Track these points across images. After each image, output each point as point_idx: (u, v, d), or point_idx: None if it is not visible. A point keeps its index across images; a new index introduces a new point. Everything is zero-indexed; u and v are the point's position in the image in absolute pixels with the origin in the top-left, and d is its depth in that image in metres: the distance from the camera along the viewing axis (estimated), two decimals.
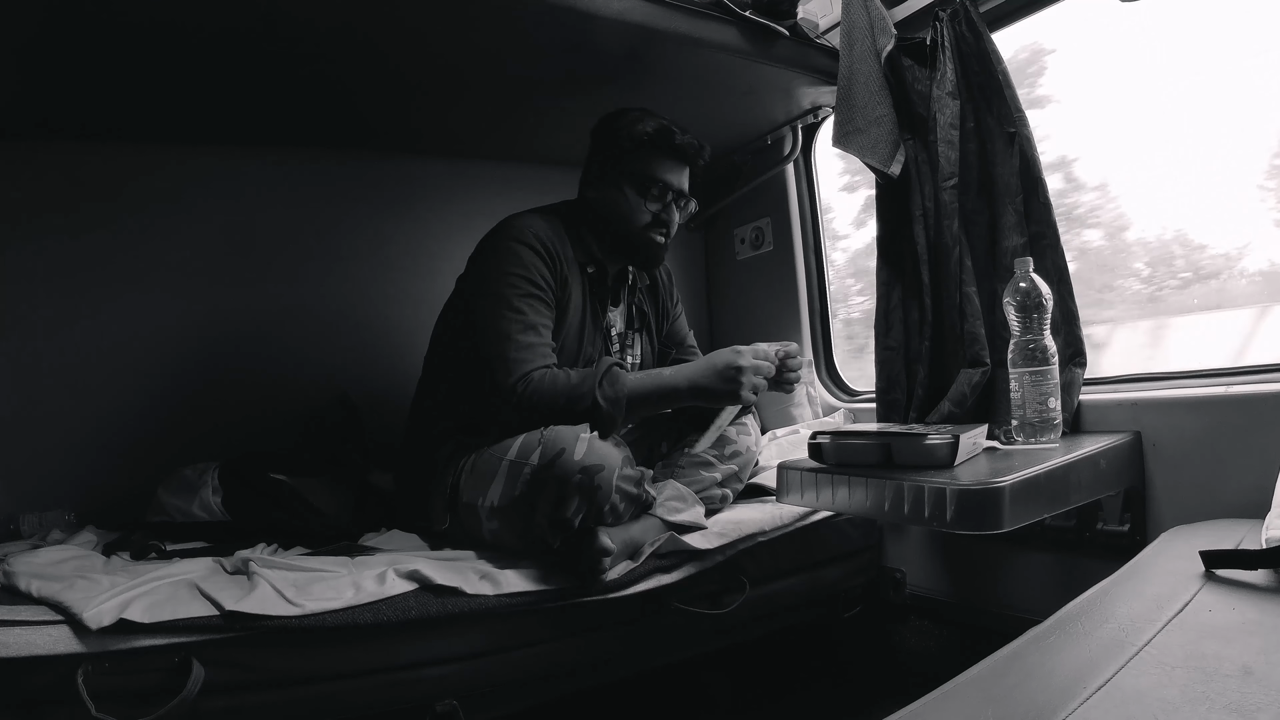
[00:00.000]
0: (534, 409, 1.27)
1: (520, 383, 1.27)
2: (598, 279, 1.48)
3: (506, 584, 1.17)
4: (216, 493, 1.51)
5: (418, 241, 2.07)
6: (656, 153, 1.42)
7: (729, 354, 1.32)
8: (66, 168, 1.69)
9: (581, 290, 1.44)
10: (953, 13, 1.48)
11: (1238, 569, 0.83)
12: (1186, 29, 1.47)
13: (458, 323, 1.45)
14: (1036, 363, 1.25)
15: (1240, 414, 1.17)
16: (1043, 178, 1.39)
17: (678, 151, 1.43)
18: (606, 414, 1.27)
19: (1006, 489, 1.01)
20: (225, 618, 0.99)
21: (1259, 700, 0.54)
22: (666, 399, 1.35)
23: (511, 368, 1.28)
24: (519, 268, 1.34)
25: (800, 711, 1.56)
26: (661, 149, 1.42)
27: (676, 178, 1.45)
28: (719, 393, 1.33)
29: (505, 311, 1.32)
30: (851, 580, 1.62)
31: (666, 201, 1.44)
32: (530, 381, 1.28)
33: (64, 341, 1.68)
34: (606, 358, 1.37)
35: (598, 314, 1.48)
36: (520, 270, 1.34)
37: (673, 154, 1.43)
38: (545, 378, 1.29)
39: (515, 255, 1.35)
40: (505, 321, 1.31)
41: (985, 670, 0.67)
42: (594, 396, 1.27)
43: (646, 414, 1.43)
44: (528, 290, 1.34)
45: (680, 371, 1.35)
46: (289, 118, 1.77)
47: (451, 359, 1.46)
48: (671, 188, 1.44)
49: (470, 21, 1.38)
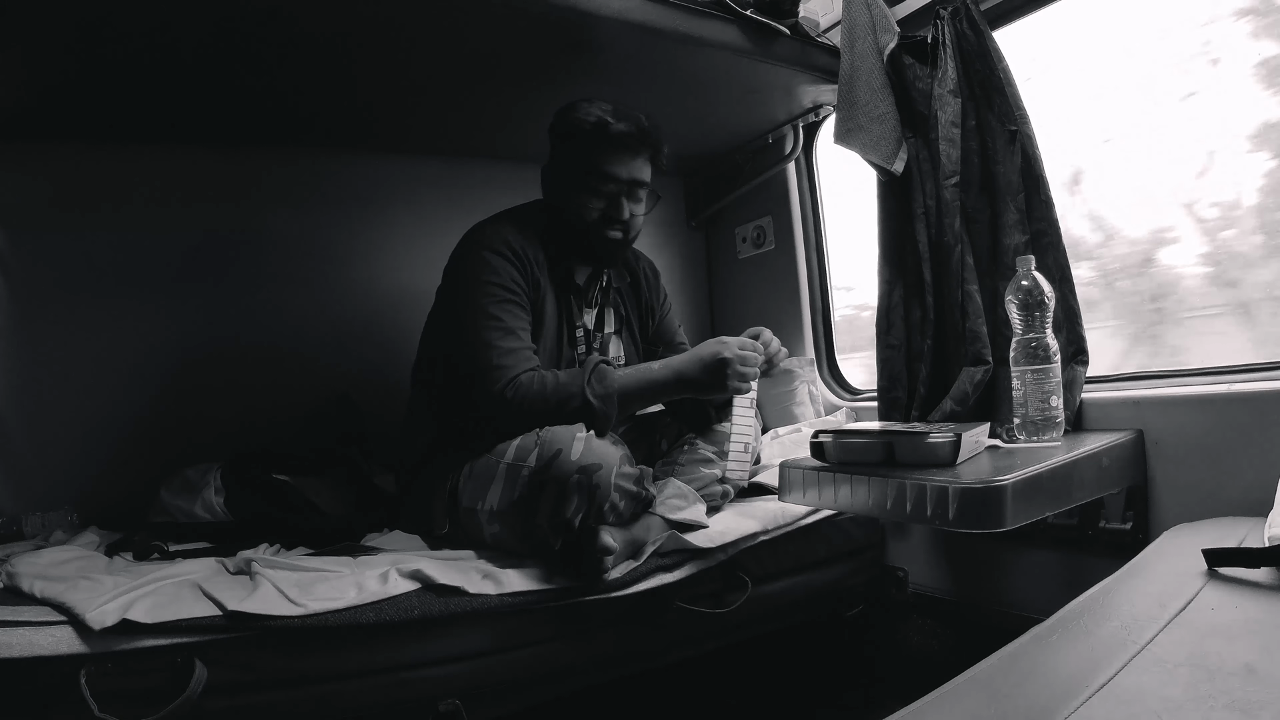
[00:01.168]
0: (524, 413, 1.26)
1: (508, 388, 1.27)
2: (567, 280, 1.47)
3: (509, 583, 1.17)
4: (219, 493, 1.52)
5: (419, 240, 2.06)
6: (600, 144, 1.35)
7: (714, 345, 1.32)
8: (67, 169, 1.70)
9: (554, 293, 1.44)
10: (954, 10, 1.48)
11: (1240, 567, 0.83)
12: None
13: (441, 333, 1.45)
14: (1038, 361, 1.25)
15: (1243, 412, 1.17)
16: (1044, 175, 1.39)
17: (619, 140, 1.35)
18: (599, 411, 1.27)
19: (1009, 487, 1.01)
20: (228, 618, 0.99)
21: (1262, 699, 0.54)
22: (656, 393, 1.34)
23: (497, 374, 1.28)
24: (491, 275, 1.34)
25: (803, 711, 1.56)
26: (603, 139, 1.35)
27: (625, 168, 1.37)
28: (706, 385, 1.32)
29: (483, 320, 1.31)
30: (854, 579, 1.62)
31: (613, 195, 1.38)
32: (519, 386, 1.27)
33: (65, 342, 1.68)
34: (593, 355, 1.36)
35: (572, 316, 1.47)
36: (493, 278, 1.33)
37: (616, 143, 1.35)
38: (533, 381, 1.28)
39: (486, 263, 1.34)
40: (485, 330, 1.30)
41: (987, 669, 0.66)
42: (584, 395, 1.26)
43: (639, 409, 1.42)
44: (503, 296, 1.33)
45: (668, 365, 1.34)
46: (289, 118, 1.77)
47: (438, 368, 1.46)
48: (617, 179, 1.37)
49: (470, 21, 1.38)
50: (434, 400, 1.46)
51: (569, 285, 1.47)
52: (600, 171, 1.36)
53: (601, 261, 1.48)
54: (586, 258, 1.46)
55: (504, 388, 1.27)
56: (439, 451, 1.40)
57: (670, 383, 1.32)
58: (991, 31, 1.45)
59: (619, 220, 1.39)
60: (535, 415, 1.26)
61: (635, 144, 1.37)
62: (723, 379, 1.31)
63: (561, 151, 1.43)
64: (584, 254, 1.45)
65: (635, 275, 1.64)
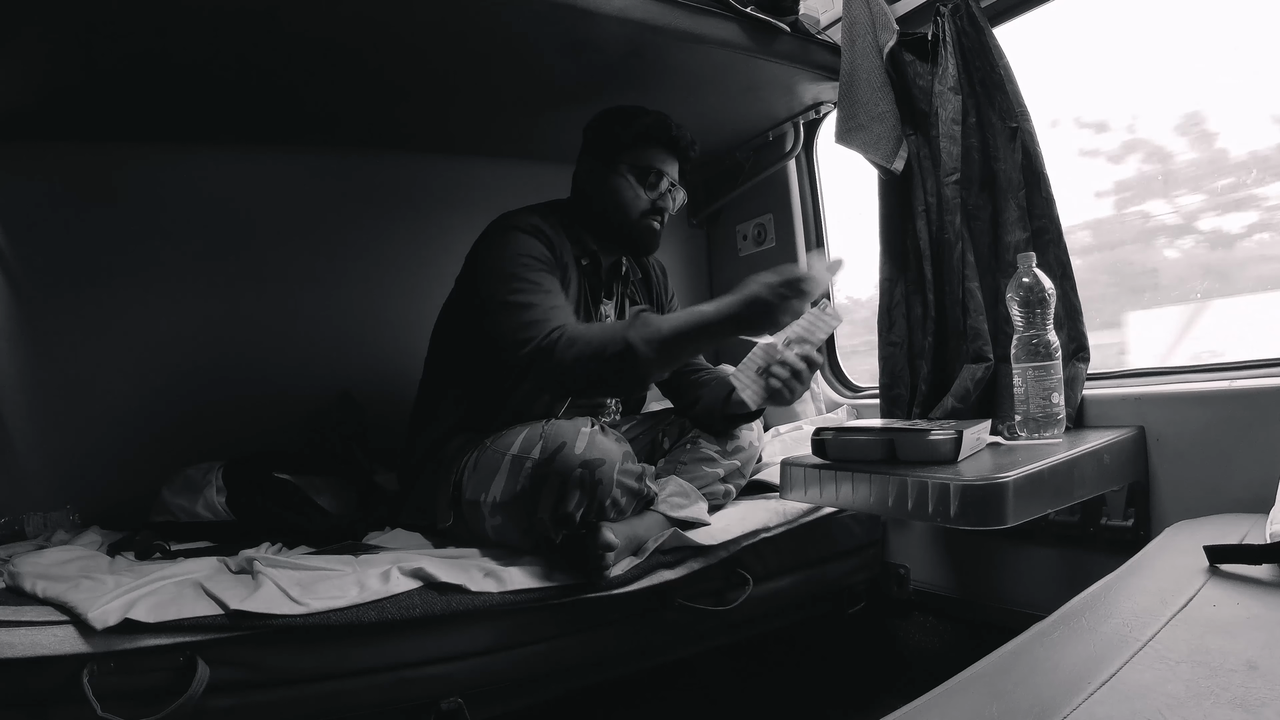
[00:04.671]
0: (567, 362, 1.24)
1: (555, 333, 1.25)
2: (591, 271, 1.51)
3: (510, 581, 1.17)
4: (221, 492, 1.52)
5: (420, 239, 2.06)
6: (654, 144, 1.48)
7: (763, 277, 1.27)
8: (68, 169, 1.70)
9: (577, 282, 1.46)
10: (954, 8, 1.47)
11: (1242, 564, 0.83)
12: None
13: (459, 321, 1.47)
14: (1040, 358, 1.25)
15: (1244, 408, 1.17)
16: (1045, 172, 1.39)
17: (673, 143, 1.50)
18: (643, 355, 1.22)
19: (1010, 484, 1.01)
20: (230, 617, 0.99)
21: (1264, 695, 0.54)
22: (702, 333, 1.27)
23: (537, 328, 1.27)
24: (525, 249, 1.36)
25: (804, 708, 1.56)
26: (659, 141, 1.48)
27: (671, 168, 1.52)
28: (754, 320, 1.25)
29: (521, 285, 1.32)
30: (855, 576, 1.62)
31: (663, 190, 1.49)
32: (564, 332, 1.26)
33: (67, 342, 1.69)
34: (635, 305, 1.35)
35: (591, 306, 1.51)
36: (527, 251, 1.36)
37: (668, 146, 1.50)
38: (577, 329, 1.27)
39: (519, 240, 1.37)
40: (524, 294, 1.31)
41: (989, 666, 0.66)
42: (624, 339, 1.22)
43: (686, 353, 1.35)
44: (539, 267, 1.35)
45: (714, 304, 1.28)
46: (289, 117, 1.77)
47: (453, 357, 1.47)
48: (668, 176, 1.50)
49: (470, 20, 1.38)
50: (445, 386, 1.47)
51: (591, 275, 1.51)
52: (657, 169, 1.48)
53: (641, 251, 1.54)
54: (626, 247, 1.53)
55: (544, 339, 1.25)
56: (447, 441, 1.41)
57: (716, 321, 1.25)
58: (992, 28, 1.45)
59: (664, 212, 1.50)
60: (580, 363, 1.23)
61: (685, 149, 1.52)
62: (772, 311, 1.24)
63: (612, 149, 1.48)
64: (623, 243, 1.52)
65: (647, 270, 1.68)
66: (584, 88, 1.70)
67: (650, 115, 1.49)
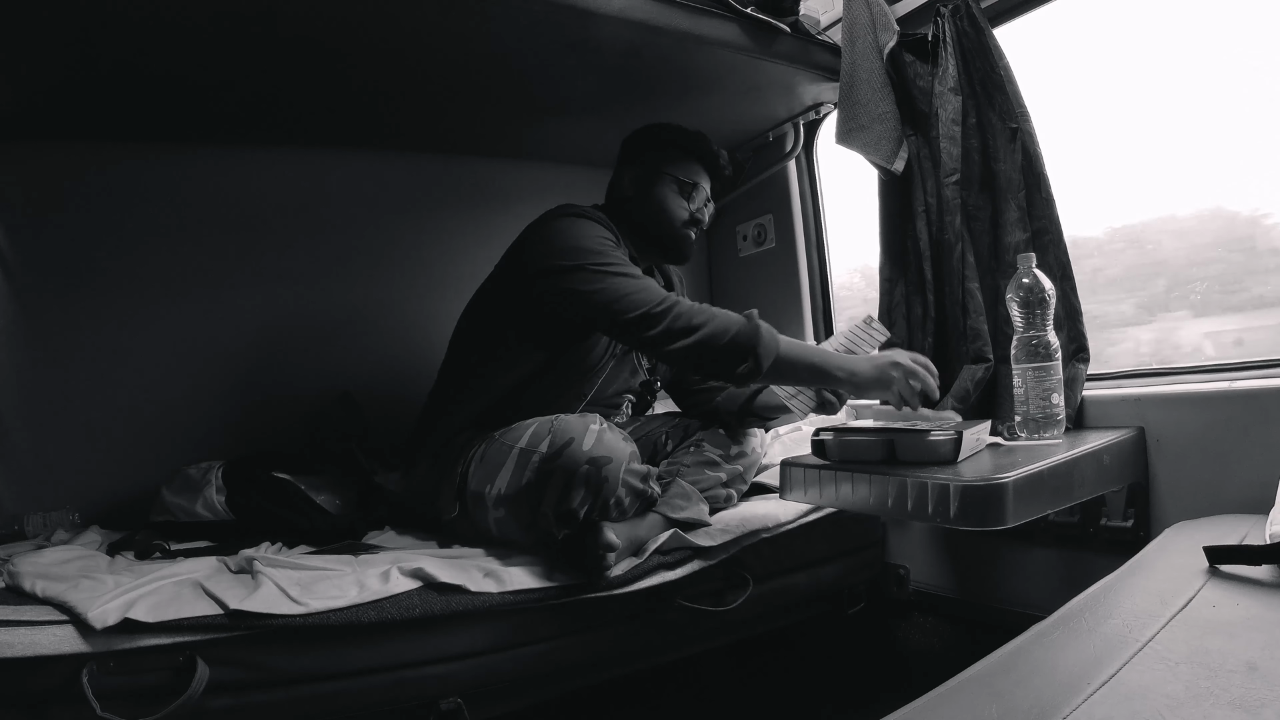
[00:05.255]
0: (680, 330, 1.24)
1: (669, 300, 1.27)
2: None
3: (510, 581, 1.17)
4: (220, 492, 1.52)
5: (422, 240, 2.06)
6: (696, 160, 1.56)
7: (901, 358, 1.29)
8: (72, 169, 1.70)
9: None
10: (954, 8, 1.47)
11: (1242, 564, 0.83)
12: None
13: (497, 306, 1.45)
14: (1040, 358, 1.25)
15: (1244, 409, 1.17)
16: (1045, 173, 1.39)
17: (713, 160, 1.57)
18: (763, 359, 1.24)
19: (1010, 485, 1.01)
20: (230, 617, 0.99)
21: (1263, 696, 0.54)
22: (816, 375, 1.30)
23: (650, 293, 1.27)
24: (602, 234, 1.37)
25: (804, 708, 1.56)
26: (701, 157, 1.56)
27: (707, 184, 1.58)
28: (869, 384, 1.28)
29: (612, 260, 1.32)
30: (855, 577, 1.62)
31: (701, 204, 1.56)
32: (679, 303, 1.27)
33: (67, 342, 1.69)
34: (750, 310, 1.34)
35: None
36: (603, 235, 1.37)
37: (708, 162, 1.57)
38: (691, 304, 1.28)
39: (593, 226, 1.38)
40: (619, 265, 1.31)
41: (989, 666, 0.66)
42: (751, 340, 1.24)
43: (785, 381, 1.40)
44: (619, 251, 1.37)
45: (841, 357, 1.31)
46: (292, 117, 1.77)
47: (478, 346, 1.46)
48: (705, 191, 1.57)
49: (470, 20, 1.38)
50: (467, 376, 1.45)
51: None
52: (695, 184, 1.55)
53: (677, 259, 1.58)
54: (663, 255, 1.57)
55: (658, 305, 1.26)
56: (460, 431, 1.40)
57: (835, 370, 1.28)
58: (992, 29, 1.45)
59: (701, 223, 1.56)
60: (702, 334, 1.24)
61: (723, 167, 1.59)
62: (890, 383, 1.27)
63: (656, 161, 1.54)
64: (660, 251, 1.56)
65: (669, 279, 1.69)
66: (584, 88, 1.70)
67: (692, 132, 1.56)
